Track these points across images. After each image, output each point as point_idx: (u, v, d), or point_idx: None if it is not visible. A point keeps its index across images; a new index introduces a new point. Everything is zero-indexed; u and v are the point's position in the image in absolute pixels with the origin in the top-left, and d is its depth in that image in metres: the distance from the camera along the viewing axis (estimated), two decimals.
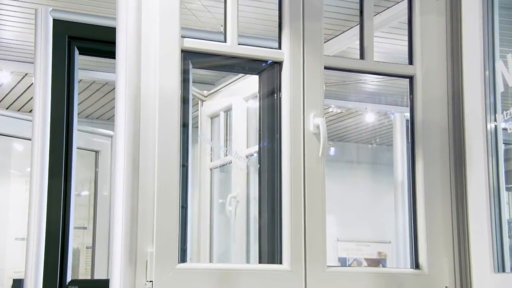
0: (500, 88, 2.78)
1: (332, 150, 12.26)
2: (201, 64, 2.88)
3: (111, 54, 2.66)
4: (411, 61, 2.96)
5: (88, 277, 5.15)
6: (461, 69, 2.90)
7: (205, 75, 8.10)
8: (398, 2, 6.71)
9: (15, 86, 9.64)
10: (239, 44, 2.71)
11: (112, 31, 2.59)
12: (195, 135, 3.30)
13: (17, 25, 7.71)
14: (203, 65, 2.94)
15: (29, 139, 3.25)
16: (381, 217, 11.11)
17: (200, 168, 4.37)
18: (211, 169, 4.39)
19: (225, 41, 2.71)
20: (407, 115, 3.38)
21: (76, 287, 3.23)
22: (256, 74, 2.96)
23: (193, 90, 3.47)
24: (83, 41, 3.35)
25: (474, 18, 2.85)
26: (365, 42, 2.90)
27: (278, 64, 2.78)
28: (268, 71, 2.84)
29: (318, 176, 2.72)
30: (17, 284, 5.83)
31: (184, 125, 2.80)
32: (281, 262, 2.67)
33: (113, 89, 2.63)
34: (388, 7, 6.81)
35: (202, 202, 4.37)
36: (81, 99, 9.77)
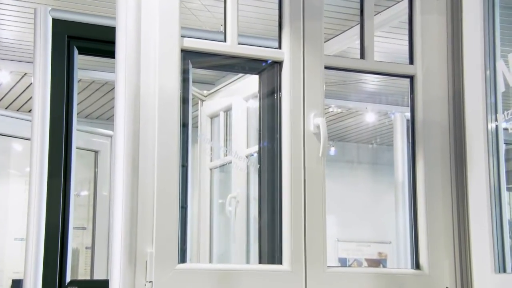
0: (501, 88, 2.77)
1: (333, 150, 12.25)
2: (201, 64, 2.88)
3: (110, 54, 2.66)
4: (411, 61, 2.95)
5: (88, 277, 5.15)
6: (461, 69, 2.89)
7: (205, 74, 8.09)
8: (398, 2, 6.70)
9: (14, 86, 9.64)
10: (239, 44, 2.71)
11: (111, 30, 2.59)
12: (195, 135, 3.29)
13: (16, 24, 7.70)
14: (203, 64, 2.93)
15: (28, 139, 3.24)
16: (382, 217, 11.12)
17: (200, 168, 4.36)
18: (211, 169, 4.38)
19: (225, 40, 2.70)
20: (408, 115, 3.39)
21: (76, 287, 3.22)
22: (256, 74, 2.96)
23: (193, 89, 3.47)
24: (83, 40, 3.35)
25: (475, 18, 2.85)
26: (365, 42, 2.89)
27: (278, 64, 2.77)
28: (268, 70, 2.83)
29: (319, 176, 2.72)
30: (16, 285, 5.83)
31: (184, 125, 2.79)
32: (281, 263, 2.66)
33: (113, 88, 2.63)
34: (388, 7, 6.80)
35: (202, 202, 4.37)
36: (80, 98, 9.76)
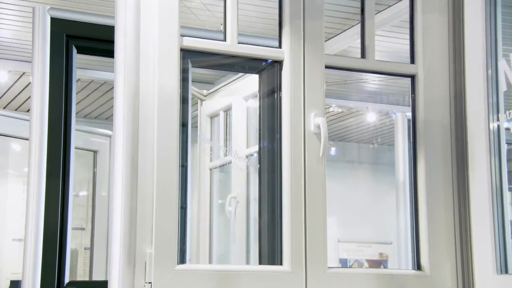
0: (502, 87, 2.76)
1: (333, 150, 12.26)
2: (200, 63, 2.87)
3: (109, 53, 2.65)
4: (412, 60, 2.94)
5: (87, 278, 5.15)
6: (463, 68, 2.88)
7: (204, 74, 8.09)
8: (399, 1, 6.69)
9: (12, 86, 9.64)
10: (239, 43, 2.70)
11: (110, 29, 2.58)
12: (194, 135, 3.28)
13: (14, 23, 7.69)
14: (203, 64, 2.92)
15: (27, 139, 3.24)
16: (383, 218, 11.12)
17: (199, 168, 4.35)
18: (210, 169, 4.37)
19: (224, 40, 2.69)
20: (409, 114, 3.37)
21: None
22: (256, 73, 2.95)
23: (192, 89, 3.46)
24: (81, 39, 3.34)
25: (476, 17, 2.84)
26: (366, 41, 2.88)
27: (278, 63, 2.76)
28: (268, 70, 2.82)
29: (319, 176, 2.70)
30: (15, 286, 5.82)
31: (184, 125, 2.78)
32: (281, 263, 2.65)
33: (112, 88, 2.62)
34: (389, 6, 6.79)
35: (201, 202, 4.36)
36: (79, 98, 9.76)
